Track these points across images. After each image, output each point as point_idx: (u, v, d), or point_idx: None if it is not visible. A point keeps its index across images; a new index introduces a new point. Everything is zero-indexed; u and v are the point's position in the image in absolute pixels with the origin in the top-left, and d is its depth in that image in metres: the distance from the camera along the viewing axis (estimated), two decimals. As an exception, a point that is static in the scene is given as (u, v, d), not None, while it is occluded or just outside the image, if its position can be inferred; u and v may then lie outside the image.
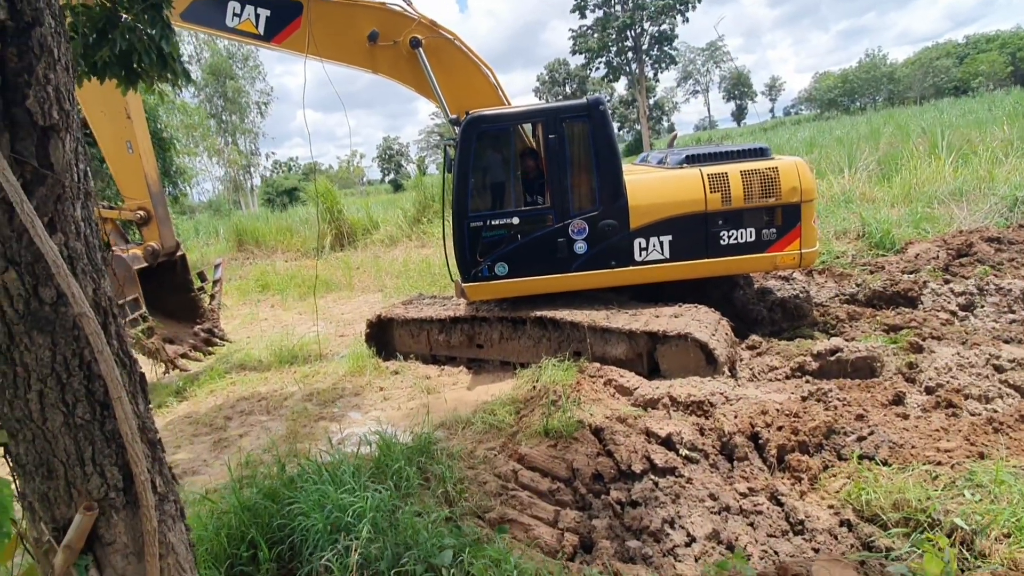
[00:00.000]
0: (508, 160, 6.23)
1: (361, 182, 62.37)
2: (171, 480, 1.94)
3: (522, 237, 6.06)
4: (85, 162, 1.75)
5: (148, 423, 1.87)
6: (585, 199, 6.07)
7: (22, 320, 1.61)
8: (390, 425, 5.41)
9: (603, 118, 5.92)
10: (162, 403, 6.54)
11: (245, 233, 18.00)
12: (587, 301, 6.08)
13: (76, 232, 1.68)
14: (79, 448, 1.69)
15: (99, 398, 1.70)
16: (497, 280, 6.10)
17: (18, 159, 1.57)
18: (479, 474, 4.08)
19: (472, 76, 6.39)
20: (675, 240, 5.89)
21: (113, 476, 1.74)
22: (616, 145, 6.03)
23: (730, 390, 4.83)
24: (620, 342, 5.53)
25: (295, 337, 8.67)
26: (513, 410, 5.07)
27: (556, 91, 70.54)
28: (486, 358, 6.48)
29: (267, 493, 3.58)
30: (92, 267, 1.73)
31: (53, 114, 1.60)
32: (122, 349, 1.79)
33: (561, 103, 6.21)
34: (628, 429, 4.37)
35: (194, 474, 4.89)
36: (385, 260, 14.04)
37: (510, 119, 6.21)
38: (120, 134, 6.32)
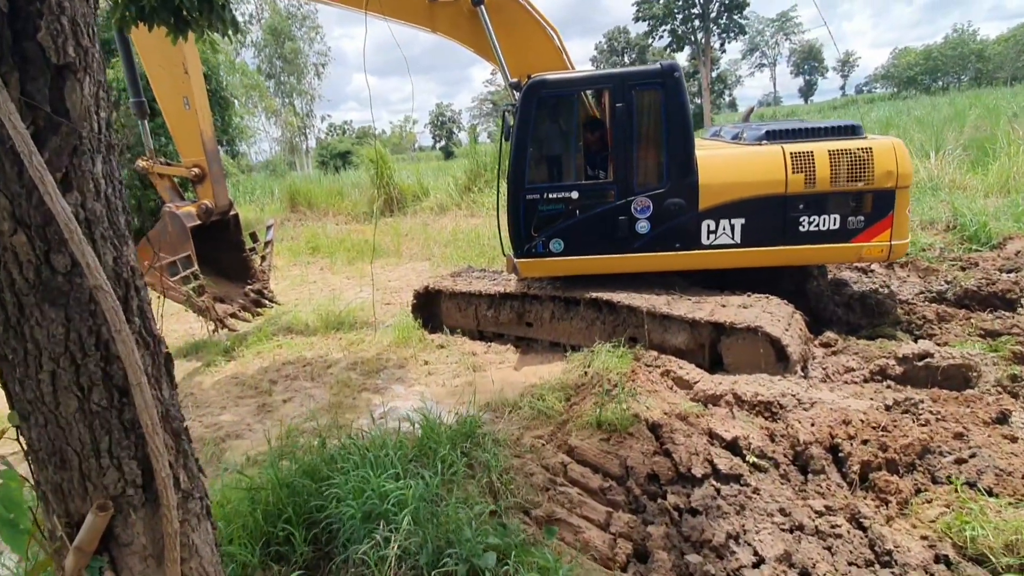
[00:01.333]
0: (570, 130, 5.81)
1: (413, 148, 62.41)
2: (197, 474, 1.75)
3: (580, 213, 5.68)
4: (108, 110, 1.51)
5: (173, 411, 1.66)
6: (651, 175, 5.63)
7: (32, 290, 1.40)
8: (434, 402, 5.23)
9: (677, 87, 5.43)
10: (211, 362, 6.57)
11: (298, 195, 18.15)
12: (646, 284, 5.69)
13: (95, 191, 1.45)
14: (95, 438, 1.50)
15: (117, 383, 1.50)
16: (552, 257, 5.77)
17: (29, 103, 1.34)
18: (526, 464, 3.84)
19: (536, 37, 5.95)
20: (748, 224, 5.39)
21: (131, 471, 1.54)
22: (690, 117, 5.53)
23: (803, 391, 4.40)
24: (681, 331, 5.15)
25: (342, 302, 8.62)
26: (563, 396, 4.80)
27: (614, 61, 68.20)
28: (535, 338, 6.20)
29: (306, 470, 3.44)
30: (114, 232, 1.51)
31: (69, 50, 1.36)
32: (144, 327, 1.58)
33: (632, 68, 5.75)
34: (689, 428, 4.03)
35: (237, 438, 4.84)
36: (434, 228, 13.86)
37: (575, 84, 5.77)
38: (178, 89, 6.19)
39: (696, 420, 4.10)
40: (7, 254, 1.38)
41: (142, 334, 1.56)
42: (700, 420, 4.11)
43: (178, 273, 6.01)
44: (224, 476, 4.18)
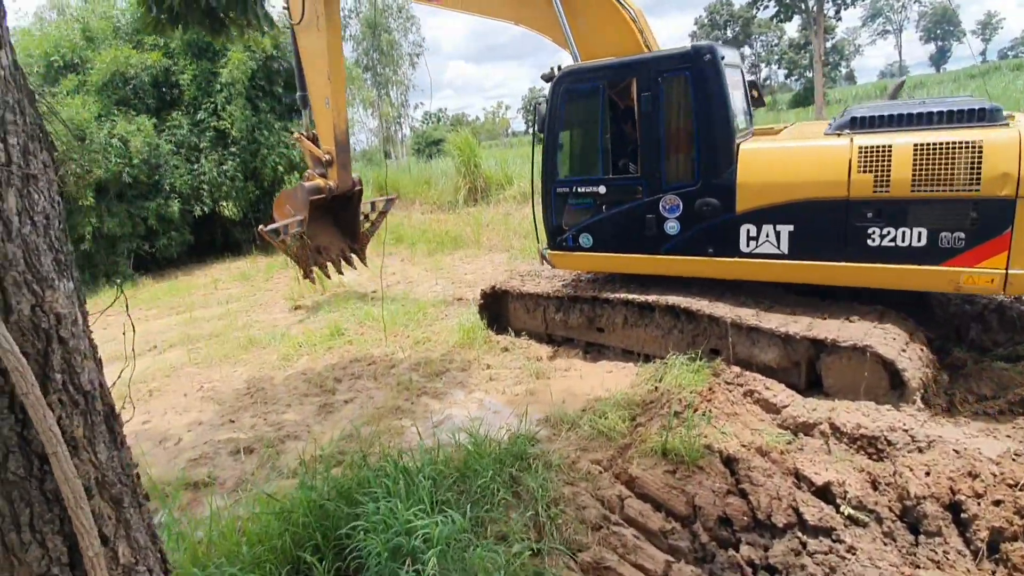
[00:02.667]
0: (597, 122, 5.34)
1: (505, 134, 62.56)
2: (149, 543, 1.55)
3: (607, 209, 5.35)
4: (26, 135, 1.30)
5: (113, 475, 1.46)
6: (681, 171, 5.01)
7: (-66, 348, 1.22)
8: (491, 411, 4.97)
9: (709, 72, 4.71)
10: (286, 355, 6.69)
11: (387, 183, 18.51)
12: (732, 290, 5.05)
13: (5, 231, 1.25)
14: (15, 510, 1.32)
15: (37, 449, 1.31)
16: (581, 252, 5.58)
17: (-87, 133, 1.14)
18: (578, 494, 3.46)
19: (611, 21, 5.46)
20: (798, 232, 4.54)
21: (56, 547, 1.35)
22: (727, 106, 4.75)
23: (918, 427, 3.67)
24: (772, 346, 4.50)
25: (416, 294, 8.57)
26: (627, 415, 4.34)
27: (715, 35, 64.20)
28: (606, 344, 5.76)
29: (341, 491, 3.28)
30: (33, 276, 1.30)
31: (-52, 69, 1.14)
32: (73, 383, 1.37)
33: (658, 53, 5.10)
34: (771, 466, 3.46)
35: (296, 439, 4.84)
36: (516, 218, 13.57)
37: (600, 74, 5.26)
38: (322, 92, 7.42)
39: (781, 458, 3.52)
40: (-97, 307, 1.21)
41: (69, 391, 1.36)
42: (785, 457, 3.53)
43: (287, 233, 7.44)
44: (274, 483, 4.17)
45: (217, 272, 12.62)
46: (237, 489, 4.15)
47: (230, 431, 5.09)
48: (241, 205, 14.19)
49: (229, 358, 6.94)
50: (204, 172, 12.95)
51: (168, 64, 13.21)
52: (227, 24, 3.17)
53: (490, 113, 71.82)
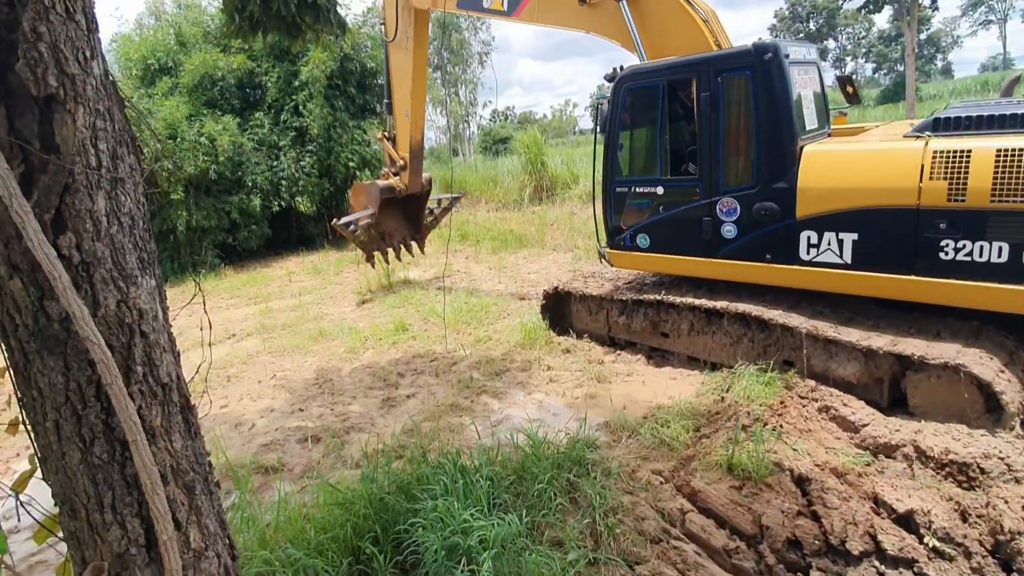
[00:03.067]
0: (657, 122, 5.27)
1: (572, 132, 62.10)
2: (219, 529, 1.61)
3: (664, 210, 5.31)
4: (114, 140, 1.38)
5: (186, 464, 1.53)
6: (740, 173, 4.81)
7: (32, 337, 1.32)
8: (550, 413, 4.94)
9: (772, 71, 4.49)
10: (352, 348, 6.92)
11: (452, 181, 18.76)
12: (808, 298, 4.77)
13: (95, 231, 1.33)
14: (98, 492, 1.40)
15: (120, 436, 1.38)
16: (639, 252, 5.60)
17: (19, 141, 1.23)
18: (637, 505, 3.38)
19: (679, 24, 5.36)
20: (863, 241, 4.22)
21: (134, 529, 1.43)
22: (789, 106, 4.52)
23: (1016, 455, 3.35)
24: (852, 360, 4.22)
25: (479, 292, 8.65)
26: (691, 426, 4.20)
27: (796, 29, 61.15)
28: (670, 350, 5.59)
29: (400, 486, 3.34)
30: (119, 273, 1.38)
31: (50, 80, 1.22)
32: (153, 375, 1.45)
33: (719, 52, 4.94)
34: (847, 489, 3.25)
35: (359, 430, 4.98)
36: (580, 218, 13.45)
37: (661, 74, 5.15)
38: (404, 105, 8.30)
39: (859, 480, 3.30)
40: (7, 299, 1.31)
41: (148, 382, 1.44)
42: (864, 480, 3.30)
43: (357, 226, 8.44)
44: (338, 472, 4.31)
45: (292, 265, 13.21)
46: (304, 476, 4.32)
47: (299, 419, 5.30)
48: (315, 201, 14.79)
49: (300, 348, 7.25)
50: (283, 169, 13.57)
51: (252, 67, 13.93)
52: (303, 29, 3.29)
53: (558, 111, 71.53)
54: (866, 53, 61.71)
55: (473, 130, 45.39)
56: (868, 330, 4.28)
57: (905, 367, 4.05)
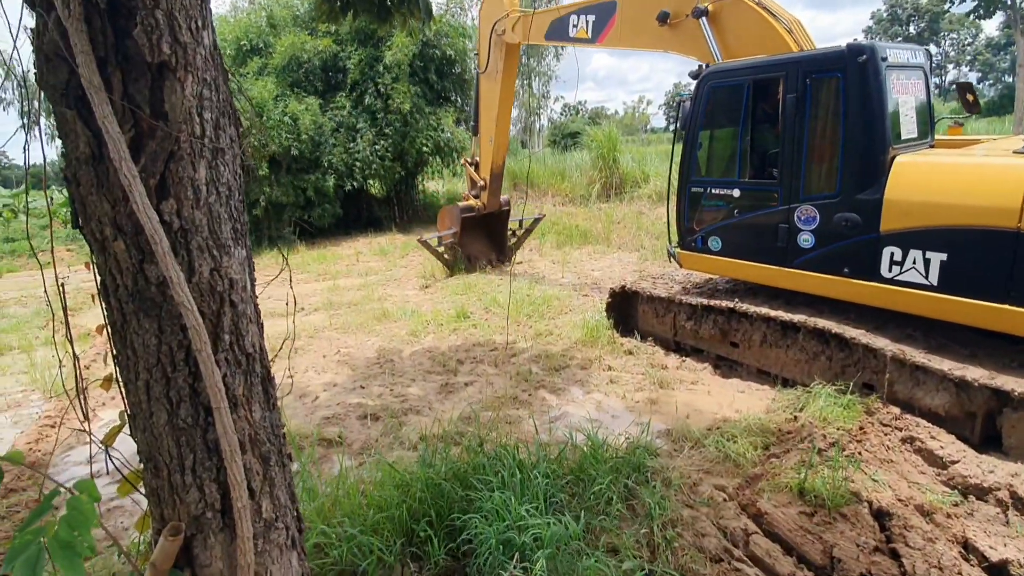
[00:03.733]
0: (738, 122, 5.04)
1: (644, 130, 60.80)
2: (288, 501, 1.63)
3: (739, 214, 5.14)
4: (218, 111, 1.39)
5: (264, 434, 1.54)
6: (822, 180, 4.53)
7: (131, 298, 1.36)
8: (609, 414, 4.83)
9: (866, 75, 4.17)
10: (415, 331, 7.02)
11: (519, 175, 18.73)
12: (896, 318, 4.43)
13: (194, 198, 1.35)
14: (181, 454, 1.44)
15: (204, 401, 1.41)
16: (709, 255, 5.48)
17: (131, 105, 1.26)
18: (697, 520, 3.24)
19: (762, 35, 5.18)
20: (952, 262, 3.85)
21: (211, 493, 1.46)
22: (882, 113, 4.18)
23: None
24: (942, 390, 3.89)
25: (542, 286, 8.59)
26: (760, 443, 3.99)
27: (894, 32, 57.25)
28: (739, 361, 5.35)
29: (456, 473, 3.34)
30: (214, 242, 1.40)
31: (163, 47, 1.24)
32: (239, 345, 1.47)
33: (809, 52, 4.66)
34: (933, 529, 2.99)
35: (417, 413, 5.03)
36: (649, 217, 13.14)
37: (747, 73, 4.91)
38: (489, 131, 9.01)
39: (947, 521, 3.03)
40: (111, 259, 1.35)
41: (234, 351, 1.46)
42: (953, 522, 3.03)
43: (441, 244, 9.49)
44: (396, 452, 4.37)
45: (360, 245, 13.57)
46: (362, 452, 4.41)
47: (360, 396, 5.41)
48: (387, 184, 15.12)
49: (364, 327, 7.42)
50: (359, 151, 13.92)
51: (336, 50, 14.32)
52: (391, 12, 3.30)
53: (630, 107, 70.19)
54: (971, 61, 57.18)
55: (543, 123, 45.18)
56: (963, 359, 3.92)
57: (1003, 403, 3.69)
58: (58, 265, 6.38)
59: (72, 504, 1.23)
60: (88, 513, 1.25)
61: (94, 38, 1.21)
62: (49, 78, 1.28)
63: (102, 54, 1.23)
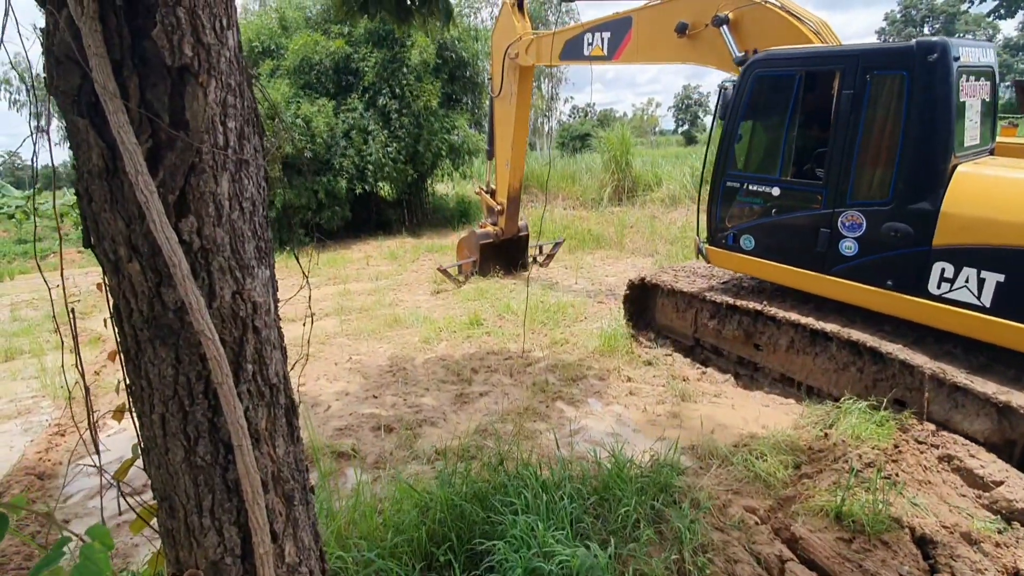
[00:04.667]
0: (785, 116, 4.75)
1: (653, 132, 60.55)
2: (312, 543, 1.50)
3: (777, 213, 4.89)
4: (243, 119, 1.27)
5: (287, 472, 1.42)
6: (873, 186, 4.28)
7: (146, 325, 1.24)
8: (630, 428, 4.69)
9: (934, 75, 3.89)
10: (427, 338, 6.90)
11: (530, 176, 18.59)
12: (935, 333, 4.23)
13: (216, 215, 1.23)
14: (199, 493, 1.31)
15: (224, 437, 1.28)
16: (741, 254, 5.23)
17: (149, 113, 1.14)
18: (729, 544, 3.09)
19: (788, 39, 5.00)
20: (1010, 285, 3.65)
21: (231, 537, 1.33)
22: (949, 118, 3.90)
23: None
24: (983, 415, 3.72)
25: (556, 292, 8.45)
26: (791, 462, 3.84)
27: (908, 33, 56.72)
28: (762, 364, 5.19)
29: (478, 494, 3.21)
30: (237, 262, 1.28)
31: (185, 49, 1.12)
32: (262, 375, 1.34)
33: (874, 45, 4.39)
34: (982, 560, 2.83)
35: (432, 425, 4.91)
36: (662, 222, 12.99)
37: (800, 63, 4.62)
38: (505, 155, 8.90)
39: (996, 551, 2.87)
40: (125, 282, 1.23)
41: (257, 382, 1.33)
42: (1003, 552, 2.87)
43: (461, 273, 9.52)
44: (411, 466, 4.24)
45: (370, 249, 13.47)
46: (377, 466, 4.28)
47: (373, 406, 5.30)
48: (398, 187, 15.02)
49: (375, 334, 7.30)
50: (371, 153, 13.82)
51: (349, 52, 14.23)
52: (412, 13, 3.19)
53: (639, 110, 69.91)
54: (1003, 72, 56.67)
55: (553, 125, 45.02)
56: (1007, 382, 3.74)
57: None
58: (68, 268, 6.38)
59: (85, 553, 1.11)
60: (102, 564, 1.13)
61: (109, 39, 1.10)
62: (60, 83, 1.16)
63: (118, 57, 1.11)
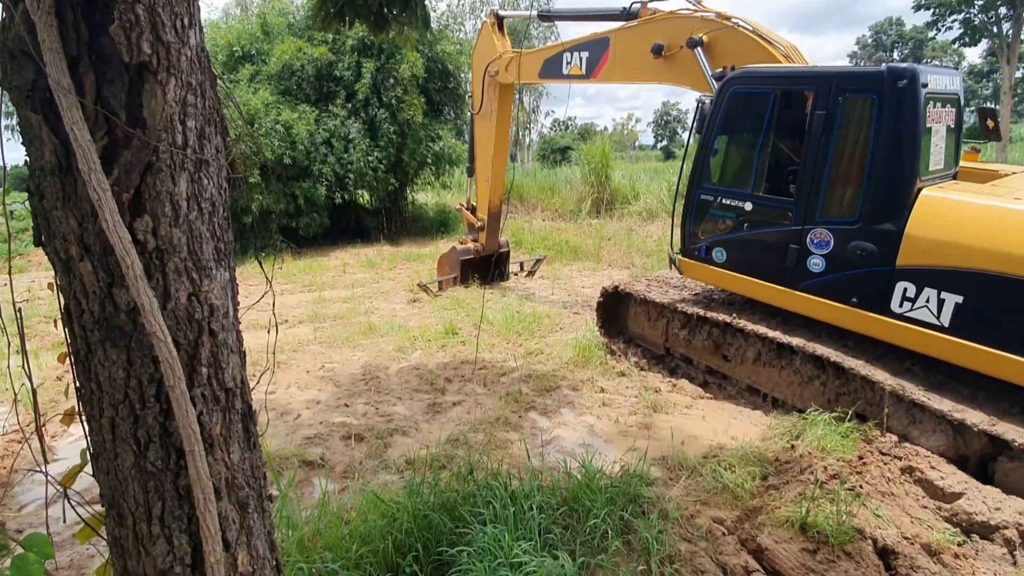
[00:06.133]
0: (759, 132, 4.88)
1: (632, 147, 61.39)
2: (268, 552, 1.47)
3: (748, 228, 4.99)
4: (203, 119, 1.25)
5: (242, 478, 1.39)
6: (842, 205, 4.40)
7: (96, 326, 1.21)
8: (602, 439, 4.70)
9: (903, 101, 4.02)
10: (402, 347, 6.84)
11: (509, 188, 18.63)
12: (896, 350, 4.32)
13: (173, 215, 1.21)
14: (148, 500, 1.28)
15: (176, 443, 1.25)
16: (713, 266, 5.31)
17: (105, 111, 1.12)
18: (696, 555, 3.11)
19: (759, 61, 5.14)
20: (967, 306, 3.75)
21: (181, 546, 1.30)
22: (915, 142, 4.04)
23: None
24: (939, 431, 3.81)
25: (531, 302, 8.47)
26: (758, 473, 3.88)
27: (879, 57, 58.56)
28: (730, 375, 5.27)
29: (446, 504, 3.18)
30: (194, 264, 1.26)
31: (143, 47, 1.10)
32: (218, 379, 1.32)
33: (846, 68, 4.51)
34: (941, 570, 2.89)
35: (403, 434, 4.86)
36: (639, 235, 13.12)
37: (775, 81, 4.74)
38: (485, 172, 8.92)
39: (955, 562, 2.93)
40: (76, 282, 1.20)
41: (212, 386, 1.31)
42: (961, 563, 2.93)
43: (444, 288, 9.44)
44: (381, 476, 4.19)
45: (347, 256, 13.36)
46: (345, 475, 4.22)
47: (344, 415, 5.23)
48: (378, 195, 14.95)
49: (349, 341, 7.23)
50: (351, 162, 13.74)
51: (332, 59, 14.17)
52: (389, 21, 3.19)
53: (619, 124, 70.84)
54: None
55: (533, 137, 45.37)
56: (962, 400, 3.84)
57: (1000, 450, 3.61)
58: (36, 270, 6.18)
59: (16, 563, 1.07)
60: (34, 574, 1.09)
61: (65, 34, 1.08)
62: (13, 78, 1.14)
63: (74, 53, 1.10)
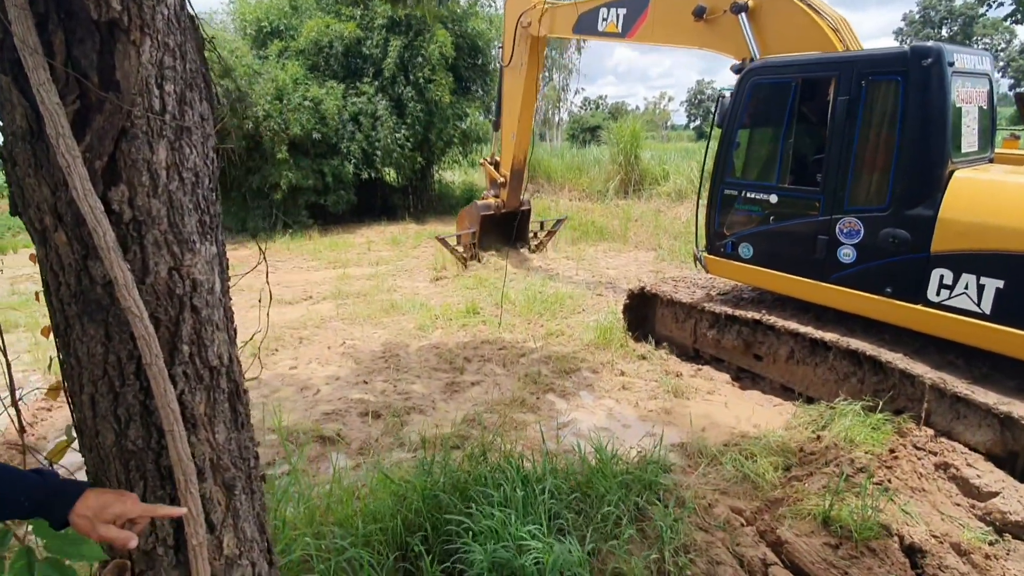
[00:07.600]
0: (782, 123, 4.71)
1: (664, 126, 59.97)
2: (256, 534, 1.44)
3: (775, 221, 4.81)
4: (183, 83, 1.18)
5: (228, 458, 1.35)
6: (870, 192, 4.20)
7: (74, 300, 1.16)
8: (620, 423, 4.61)
9: (929, 81, 3.80)
10: (423, 325, 6.84)
11: (537, 166, 18.42)
12: (936, 342, 4.10)
13: (151, 184, 1.15)
14: (130, 479, 1.25)
15: (158, 421, 1.21)
16: (739, 262, 5.15)
17: (75, 73, 1.06)
18: (712, 545, 3.02)
19: (805, 33, 4.84)
20: (1010, 291, 3.55)
21: (163, 527, 1.27)
22: (944, 123, 3.81)
23: None
24: (985, 426, 3.61)
25: (555, 283, 8.37)
26: (781, 463, 3.75)
27: (926, 34, 55.69)
28: (762, 375, 5.09)
29: (456, 484, 3.15)
30: (175, 236, 1.20)
31: (112, 2, 1.03)
32: (200, 357, 1.27)
33: (867, 52, 4.28)
34: (970, 571, 2.75)
35: (420, 412, 4.85)
36: (667, 216, 12.84)
37: (795, 70, 4.57)
38: (511, 127, 8.82)
39: (985, 563, 2.78)
40: (52, 253, 1.15)
41: (195, 364, 1.26)
42: (992, 564, 2.78)
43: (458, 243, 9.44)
44: (395, 453, 4.19)
45: (372, 234, 13.40)
46: (360, 452, 4.24)
47: (362, 392, 5.25)
48: (405, 173, 14.92)
49: (371, 319, 7.25)
50: (379, 139, 13.70)
51: (361, 36, 14.06)
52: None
53: (651, 103, 69.21)
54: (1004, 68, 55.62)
55: (563, 116, 44.66)
56: (1009, 392, 3.63)
57: None
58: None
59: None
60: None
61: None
62: (-19, 38, 1.08)
63: (42, 10, 1.03)
